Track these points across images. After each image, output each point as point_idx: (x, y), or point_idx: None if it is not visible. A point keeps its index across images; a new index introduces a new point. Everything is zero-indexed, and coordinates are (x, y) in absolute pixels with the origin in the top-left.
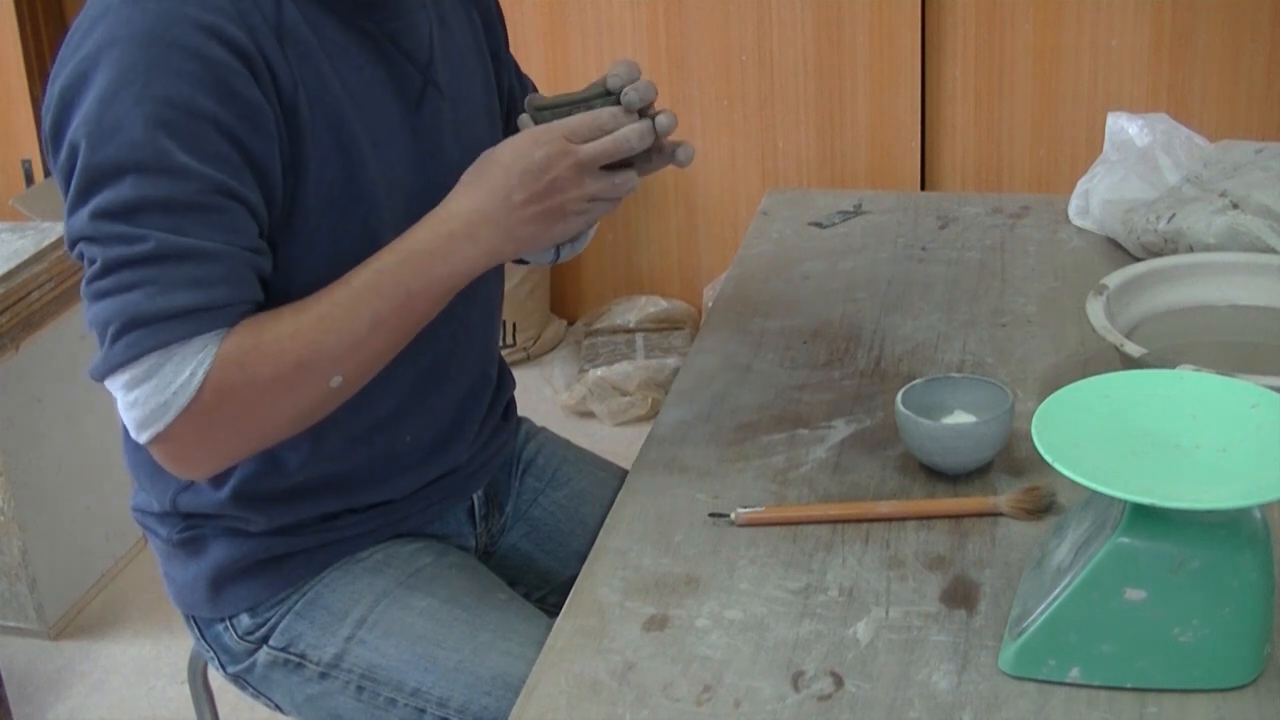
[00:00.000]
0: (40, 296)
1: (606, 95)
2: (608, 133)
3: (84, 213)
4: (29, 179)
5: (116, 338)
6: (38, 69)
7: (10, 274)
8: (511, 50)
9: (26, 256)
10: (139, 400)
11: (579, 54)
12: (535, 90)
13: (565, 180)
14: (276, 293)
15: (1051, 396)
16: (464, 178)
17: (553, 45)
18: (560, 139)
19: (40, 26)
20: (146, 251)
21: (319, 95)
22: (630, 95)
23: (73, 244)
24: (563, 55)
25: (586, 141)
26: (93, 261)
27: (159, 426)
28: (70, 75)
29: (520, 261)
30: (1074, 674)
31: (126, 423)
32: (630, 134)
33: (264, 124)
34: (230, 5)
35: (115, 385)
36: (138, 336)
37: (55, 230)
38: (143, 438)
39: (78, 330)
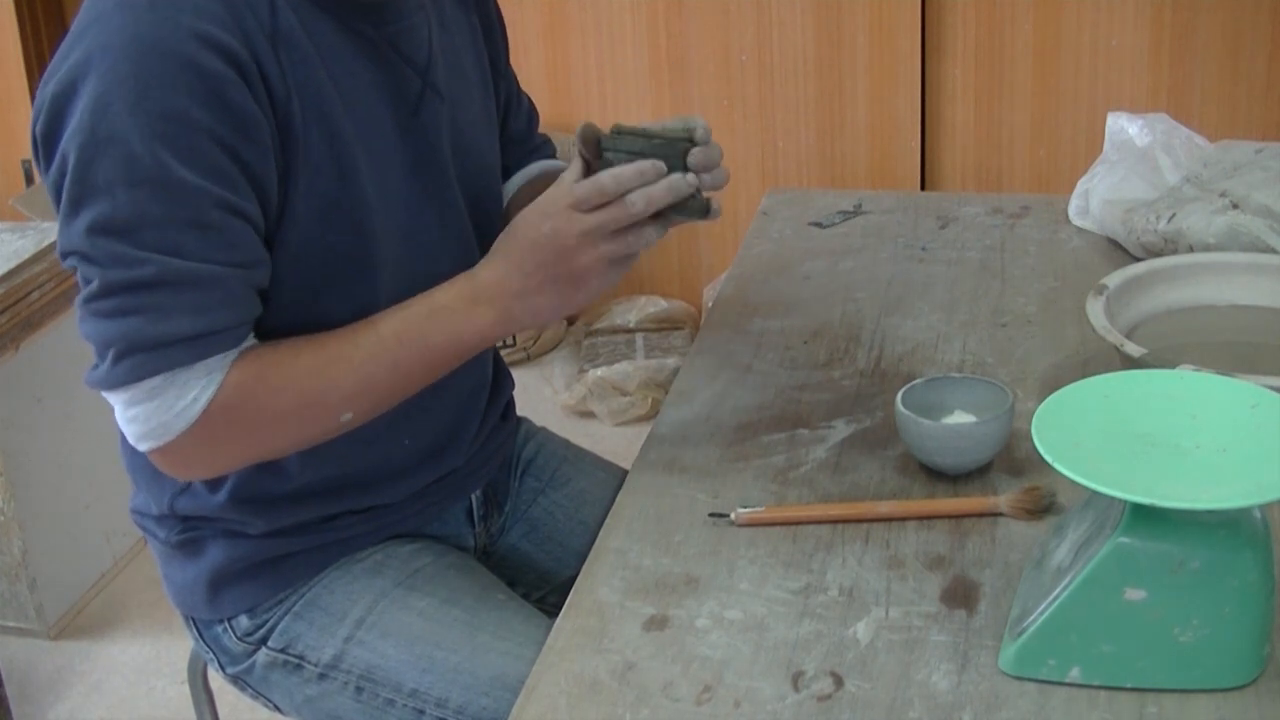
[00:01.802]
0: (40, 296)
1: (689, 143)
2: (611, 196)
3: (78, 226)
4: (29, 179)
5: (118, 359)
6: (38, 69)
7: (10, 274)
8: (512, 50)
9: (26, 256)
10: (139, 416)
11: (579, 54)
12: (533, 110)
13: (574, 249)
14: (267, 301)
15: (1051, 396)
16: (496, 243)
17: (553, 45)
18: (565, 209)
19: (40, 26)
20: (147, 277)
21: (313, 102)
22: (696, 156)
23: (65, 256)
24: (563, 55)
25: (594, 209)
26: (89, 280)
27: (158, 442)
28: (61, 82)
29: None
30: (1074, 674)
31: (125, 432)
32: (638, 199)
33: (258, 135)
34: (224, 11)
35: (115, 400)
36: (140, 360)
37: (55, 231)
38: (141, 447)
39: (77, 331)
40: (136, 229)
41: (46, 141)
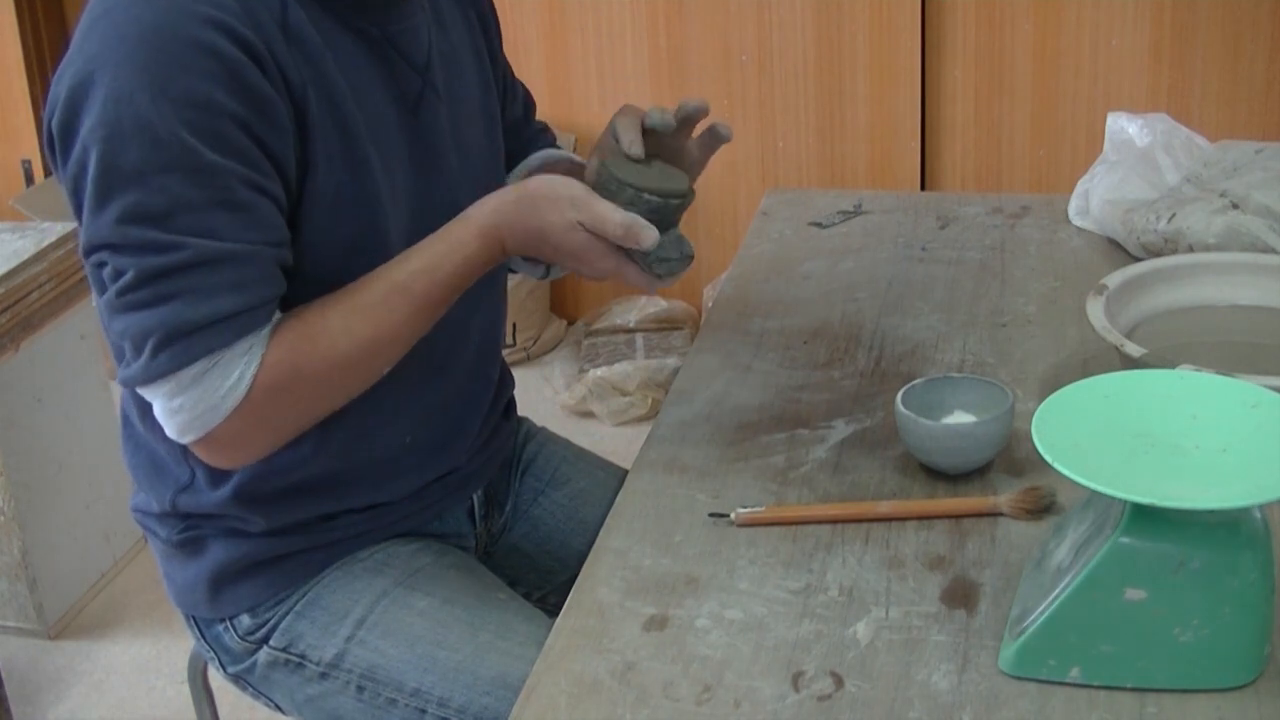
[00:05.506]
0: (40, 296)
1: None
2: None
3: (106, 218)
4: (29, 179)
5: (159, 349)
6: (38, 69)
7: (10, 274)
8: (511, 49)
9: (26, 256)
10: (184, 406)
11: (579, 54)
12: (529, 98)
13: (564, 252)
14: (292, 285)
15: (1051, 396)
16: (511, 194)
17: (553, 45)
18: (572, 221)
19: (40, 26)
20: (184, 260)
21: (326, 95)
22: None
23: (91, 250)
24: (562, 55)
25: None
26: (121, 272)
27: (205, 429)
28: (77, 75)
29: (510, 270)
30: (1074, 674)
31: (166, 427)
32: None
33: (278, 118)
34: (237, 3)
35: (155, 393)
36: (183, 346)
37: (55, 230)
38: (185, 439)
39: (78, 330)
40: (170, 215)
41: (64, 134)
